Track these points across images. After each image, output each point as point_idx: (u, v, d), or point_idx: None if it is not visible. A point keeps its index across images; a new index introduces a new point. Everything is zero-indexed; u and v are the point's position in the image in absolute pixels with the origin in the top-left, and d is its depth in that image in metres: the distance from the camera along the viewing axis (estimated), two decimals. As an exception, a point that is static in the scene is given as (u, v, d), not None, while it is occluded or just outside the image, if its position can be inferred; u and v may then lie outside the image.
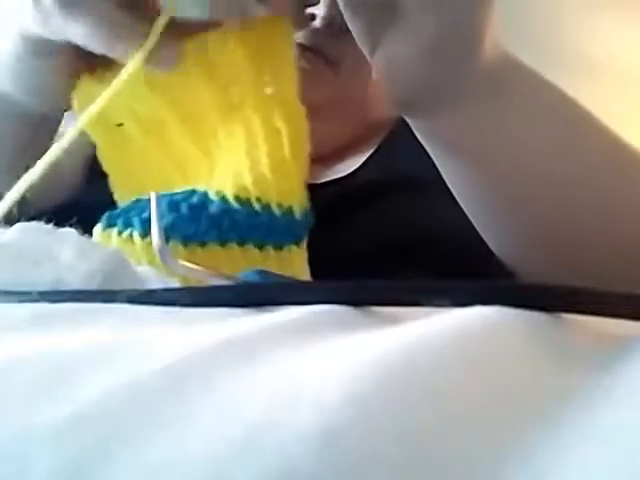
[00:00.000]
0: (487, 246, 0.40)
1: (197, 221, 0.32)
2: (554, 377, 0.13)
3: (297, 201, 0.34)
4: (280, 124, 0.33)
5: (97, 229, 0.33)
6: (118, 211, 0.34)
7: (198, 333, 0.15)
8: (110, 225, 0.33)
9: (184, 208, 0.33)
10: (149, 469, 0.11)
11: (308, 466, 0.10)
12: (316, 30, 0.49)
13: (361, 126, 0.54)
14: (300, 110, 0.35)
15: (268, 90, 0.34)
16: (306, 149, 0.35)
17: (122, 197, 0.40)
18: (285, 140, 0.33)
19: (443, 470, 0.11)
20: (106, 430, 0.11)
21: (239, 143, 0.34)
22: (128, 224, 0.33)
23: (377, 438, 0.11)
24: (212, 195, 0.33)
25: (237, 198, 0.33)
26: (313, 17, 0.50)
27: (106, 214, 0.34)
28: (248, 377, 0.13)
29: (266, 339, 0.15)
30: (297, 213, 0.34)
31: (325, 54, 0.50)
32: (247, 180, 0.33)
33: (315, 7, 0.50)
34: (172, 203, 0.33)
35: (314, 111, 0.50)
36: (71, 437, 0.11)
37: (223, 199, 0.33)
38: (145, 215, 0.32)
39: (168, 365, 0.13)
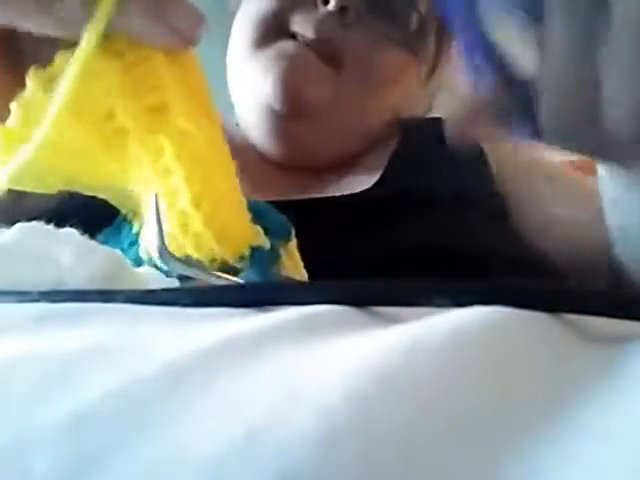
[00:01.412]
0: (498, 263, 0.38)
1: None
2: (554, 377, 0.13)
3: (221, 257, 0.27)
4: (177, 175, 0.25)
5: None
6: (102, 237, 0.32)
7: (198, 333, 0.15)
8: None
9: (128, 260, 0.27)
10: (149, 469, 0.11)
11: (308, 467, 0.10)
12: (328, 14, 0.45)
13: (362, 138, 0.50)
14: (212, 150, 0.26)
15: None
16: (226, 202, 0.27)
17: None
18: (185, 195, 0.25)
19: (444, 471, 0.11)
20: (106, 430, 0.11)
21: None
22: None
23: (378, 439, 0.11)
24: (143, 253, 0.28)
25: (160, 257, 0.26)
26: (327, 1, 0.45)
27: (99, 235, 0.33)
28: (248, 377, 0.13)
29: (266, 339, 0.15)
30: (237, 264, 0.27)
31: (328, 46, 0.45)
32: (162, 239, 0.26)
33: None
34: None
35: (309, 112, 0.46)
36: (71, 437, 0.11)
37: (150, 260, 0.27)
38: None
39: (168, 365, 0.13)
